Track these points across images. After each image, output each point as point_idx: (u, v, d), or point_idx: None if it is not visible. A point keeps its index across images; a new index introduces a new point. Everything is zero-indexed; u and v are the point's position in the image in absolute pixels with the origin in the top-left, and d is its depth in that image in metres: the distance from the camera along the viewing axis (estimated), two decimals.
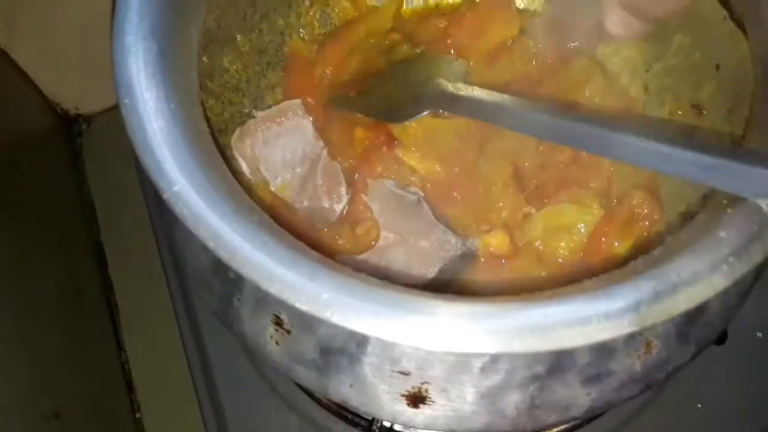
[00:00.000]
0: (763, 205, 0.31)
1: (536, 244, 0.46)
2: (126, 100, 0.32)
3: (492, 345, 0.28)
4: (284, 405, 0.53)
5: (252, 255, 0.29)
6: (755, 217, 0.30)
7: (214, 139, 0.36)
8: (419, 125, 0.49)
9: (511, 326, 0.28)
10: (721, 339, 0.53)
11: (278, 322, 0.35)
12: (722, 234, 0.30)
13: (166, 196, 0.30)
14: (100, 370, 0.70)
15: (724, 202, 0.32)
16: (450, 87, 0.45)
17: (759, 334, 0.55)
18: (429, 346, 0.28)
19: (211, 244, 0.29)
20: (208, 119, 0.37)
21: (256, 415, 0.53)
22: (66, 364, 0.64)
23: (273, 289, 0.28)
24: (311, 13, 0.54)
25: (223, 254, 0.29)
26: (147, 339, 0.71)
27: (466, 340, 0.28)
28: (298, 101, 0.49)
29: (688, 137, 0.35)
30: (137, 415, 0.71)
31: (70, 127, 0.81)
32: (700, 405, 0.53)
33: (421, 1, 0.57)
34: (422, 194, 0.48)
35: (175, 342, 0.59)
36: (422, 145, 0.49)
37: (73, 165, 0.79)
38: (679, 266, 0.29)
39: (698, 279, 0.29)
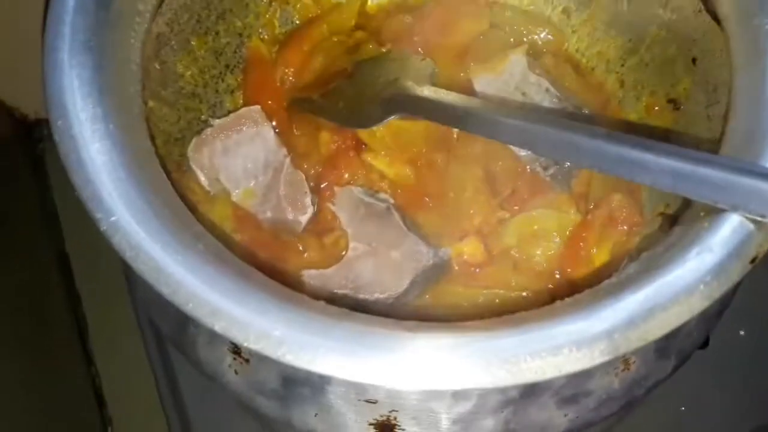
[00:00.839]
0: (743, 219, 0.29)
1: (511, 251, 0.45)
2: (59, 122, 0.30)
3: (457, 382, 0.26)
4: (252, 419, 0.51)
5: (196, 289, 0.27)
6: (734, 232, 0.29)
7: (161, 156, 0.33)
8: (387, 129, 0.47)
9: (478, 360, 0.26)
10: (703, 343, 0.51)
11: (236, 351, 0.33)
12: (699, 251, 0.28)
13: (103, 227, 0.28)
14: (69, 386, 0.67)
15: (702, 214, 0.30)
16: (417, 90, 0.43)
17: (742, 333, 0.54)
18: (389, 384, 0.26)
19: (151, 279, 0.27)
20: (155, 133, 0.35)
21: (225, 429, 0.52)
22: (30, 382, 0.62)
23: (218, 326, 0.26)
24: (270, 12, 0.51)
25: (165, 289, 0.27)
26: (117, 351, 0.69)
27: (429, 378, 0.26)
28: (257, 107, 0.46)
29: (662, 141, 0.33)
30: (108, 429, 0.69)
31: (30, 132, 0.78)
32: (683, 408, 0.52)
33: None
34: (392, 201, 0.46)
35: (145, 353, 0.57)
36: (391, 149, 0.47)
37: (35, 172, 0.76)
38: (655, 288, 0.27)
39: (674, 302, 0.27)
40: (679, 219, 0.34)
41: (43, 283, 0.69)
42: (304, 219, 0.45)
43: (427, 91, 0.43)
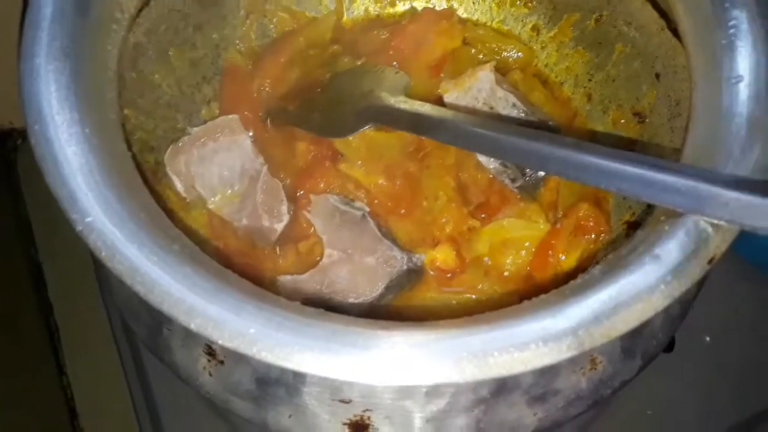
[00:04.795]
0: (700, 222, 0.30)
1: (483, 259, 0.46)
2: (36, 127, 0.30)
3: (429, 377, 0.26)
4: (227, 427, 0.51)
5: (171, 288, 0.27)
6: (692, 234, 0.30)
7: (137, 162, 0.34)
8: (362, 139, 0.47)
9: (448, 355, 0.27)
10: (669, 346, 0.53)
11: (210, 353, 0.34)
12: (660, 252, 0.29)
13: (79, 228, 0.28)
14: (41, 396, 0.66)
15: (662, 218, 0.32)
16: (391, 101, 0.44)
17: (707, 338, 0.56)
18: (364, 380, 0.26)
19: (127, 279, 0.27)
20: (131, 140, 0.35)
21: None
22: (1, 393, 0.61)
23: (194, 324, 0.26)
24: (247, 24, 0.52)
25: (140, 289, 0.27)
26: (89, 361, 0.68)
27: (402, 373, 0.26)
28: (235, 116, 0.47)
29: (627, 151, 0.35)
30: None
31: (3, 141, 0.77)
32: (650, 412, 0.53)
33: (362, 12, 0.55)
34: (368, 209, 0.47)
35: (118, 363, 0.57)
36: (366, 159, 0.48)
37: (8, 181, 0.75)
38: (618, 287, 0.28)
39: (637, 300, 0.28)
40: (642, 223, 0.35)
41: (16, 292, 0.69)
42: (279, 227, 0.46)
43: (400, 102, 0.44)
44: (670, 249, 0.29)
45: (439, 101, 0.49)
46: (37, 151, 0.30)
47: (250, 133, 0.48)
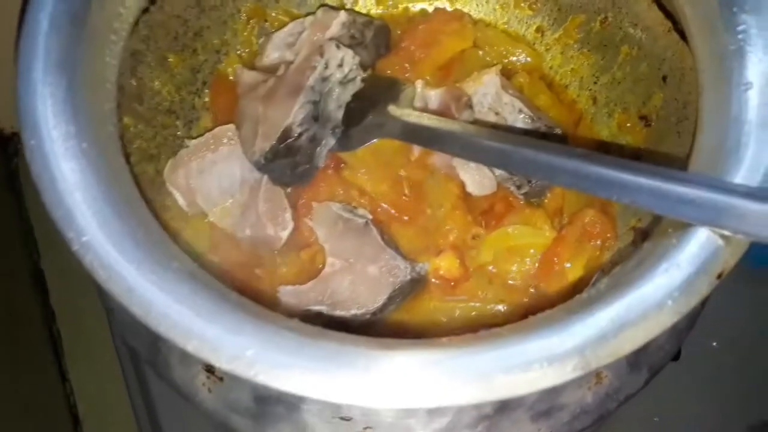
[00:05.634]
0: (710, 234, 0.30)
1: (488, 267, 0.45)
2: (32, 142, 0.30)
3: (432, 400, 0.26)
4: None
5: (168, 310, 0.26)
6: (701, 248, 0.29)
7: (135, 174, 0.33)
8: (366, 147, 0.47)
9: (451, 377, 0.26)
10: (675, 355, 0.52)
11: (209, 370, 0.33)
12: (668, 267, 0.29)
13: (74, 247, 0.27)
14: (44, 403, 0.66)
15: (670, 230, 0.31)
16: (399, 114, 0.44)
17: (714, 344, 0.55)
18: (365, 403, 0.26)
19: (123, 300, 0.27)
20: (130, 150, 0.35)
21: None
22: (3, 400, 0.61)
23: (191, 347, 0.26)
24: (248, 29, 0.51)
25: (137, 311, 0.26)
26: (92, 368, 0.68)
27: (404, 396, 0.26)
28: (231, 126, 0.46)
29: (633, 159, 0.34)
30: None
31: (5, 146, 0.77)
32: (657, 419, 0.52)
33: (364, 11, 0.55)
34: (370, 217, 0.46)
35: (120, 369, 0.56)
36: (371, 167, 0.47)
37: (10, 187, 0.75)
38: (625, 304, 0.28)
39: (644, 317, 0.27)
40: (649, 234, 0.34)
41: (18, 299, 0.68)
42: (284, 234, 0.45)
43: (408, 116, 0.43)
44: (678, 264, 0.29)
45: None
46: (33, 169, 0.29)
47: None
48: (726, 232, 0.29)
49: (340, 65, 0.46)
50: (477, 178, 0.46)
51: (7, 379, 0.62)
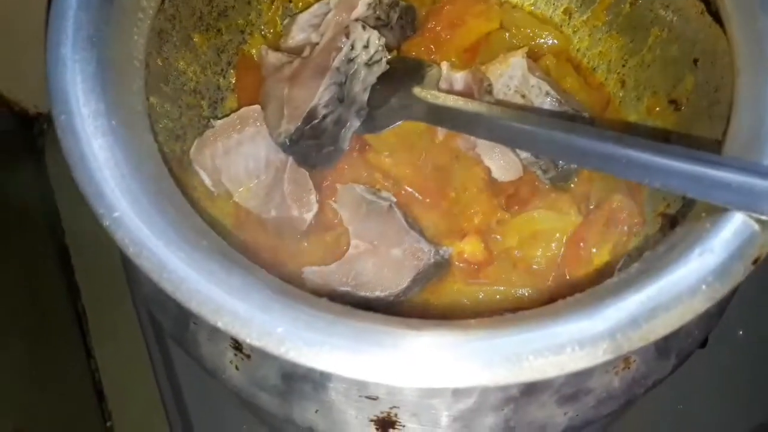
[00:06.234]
0: (746, 219, 0.29)
1: (512, 251, 0.45)
2: (62, 117, 0.30)
3: (460, 380, 0.26)
4: (252, 414, 0.51)
5: (198, 286, 0.26)
6: (736, 232, 0.29)
7: (163, 152, 0.33)
8: (391, 130, 0.47)
9: (480, 358, 0.26)
10: (702, 342, 0.51)
11: (237, 347, 0.33)
12: (701, 252, 0.28)
13: (106, 223, 0.28)
14: (69, 379, 0.67)
15: (703, 214, 0.30)
16: (425, 96, 0.43)
17: (740, 333, 0.54)
18: (392, 382, 0.26)
19: (154, 276, 0.27)
20: (156, 129, 0.35)
21: (224, 423, 0.52)
22: (30, 376, 0.62)
23: (221, 323, 0.26)
24: (273, 10, 0.51)
25: (168, 286, 0.26)
26: (117, 345, 0.69)
27: (431, 376, 0.26)
28: (257, 107, 0.46)
29: (663, 142, 0.33)
30: (108, 424, 0.68)
31: (30, 126, 0.77)
32: (681, 406, 0.52)
33: None
34: (394, 199, 0.46)
35: (145, 346, 0.57)
36: (395, 149, 0.47)
37: (36, 166, 0.76)
38: (657, 288, 0.27)
39: (677, 302, 0.27)
40: (681, 219, 0.34)
41: (43, 276, 0.69)
42: (309, 216, 0.45)
43: (435, 98, 0.43)
44: (713, 248, 0.28)
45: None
46: (64, 145, 0.29)
47: None
48: (763, 217, 0.28)
49: (366, 46, 0.45)
50: (502, 164, 0.46)
51: (33, 356, 0.63)
